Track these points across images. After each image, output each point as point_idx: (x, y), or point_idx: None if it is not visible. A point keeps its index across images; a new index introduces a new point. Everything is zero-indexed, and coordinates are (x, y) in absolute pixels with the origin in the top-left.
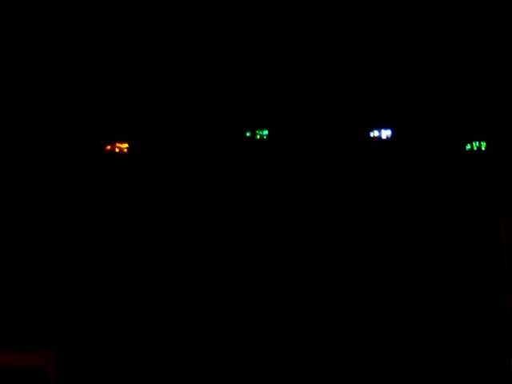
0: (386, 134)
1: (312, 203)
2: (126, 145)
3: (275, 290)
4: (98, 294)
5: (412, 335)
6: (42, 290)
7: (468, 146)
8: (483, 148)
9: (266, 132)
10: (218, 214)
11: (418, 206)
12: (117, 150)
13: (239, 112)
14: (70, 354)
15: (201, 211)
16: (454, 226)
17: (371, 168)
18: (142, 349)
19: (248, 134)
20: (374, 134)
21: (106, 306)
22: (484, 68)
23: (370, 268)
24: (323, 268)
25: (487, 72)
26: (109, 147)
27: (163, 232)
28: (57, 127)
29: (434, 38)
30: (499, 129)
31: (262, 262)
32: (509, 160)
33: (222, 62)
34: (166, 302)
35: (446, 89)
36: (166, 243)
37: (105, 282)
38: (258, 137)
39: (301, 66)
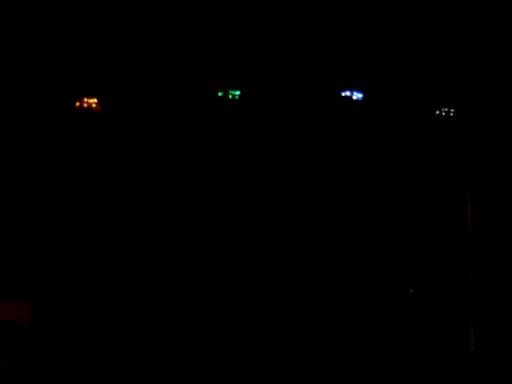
0: (357, 96)
1: (283, 162)
2: (94, 100)
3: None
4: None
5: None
6: (17, 246)
7: (437, 112)
8: (451, 114)
9: (238, 92)
10: (187, 167)
11: (386, 171)
12: (85, 105)
13: (212, 72)
14: (44, 309)
15: (169, 166)
16: (422, 189)
17: (342, 129)
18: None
19: (220, 94)
20: (346, 95)
21: (78, 264)
22: (455, 37)
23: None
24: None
25: (458, 41)
26: (78, 103)
27: (132, 187)
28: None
29: (407, 4)
30: (468, 96)
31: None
32: (476, 126)
33: (192, 22)
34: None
35: (418, 57)
36: (133, 198)
37: (73, 239)
38: (231, 96)
39: (275, 29)
